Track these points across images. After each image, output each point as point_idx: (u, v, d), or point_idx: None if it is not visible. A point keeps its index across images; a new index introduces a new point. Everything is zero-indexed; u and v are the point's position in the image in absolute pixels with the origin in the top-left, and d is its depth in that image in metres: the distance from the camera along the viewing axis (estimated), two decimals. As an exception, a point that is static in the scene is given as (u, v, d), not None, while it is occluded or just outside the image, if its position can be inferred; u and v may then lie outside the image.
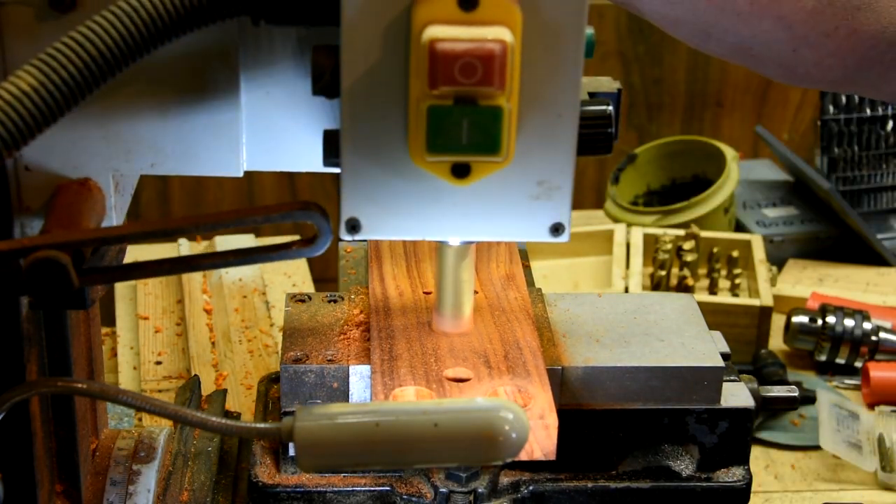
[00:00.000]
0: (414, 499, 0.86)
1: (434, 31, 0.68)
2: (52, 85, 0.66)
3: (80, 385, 0.79)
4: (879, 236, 1.80)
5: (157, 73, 0.78)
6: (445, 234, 0.79)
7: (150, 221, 0.76)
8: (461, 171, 0.72)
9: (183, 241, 1.56)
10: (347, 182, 0.75)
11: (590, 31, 0.74)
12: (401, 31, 0.71)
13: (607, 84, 0.86)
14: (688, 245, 1.63)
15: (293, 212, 0.73)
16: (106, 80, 0.68)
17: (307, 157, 0.83)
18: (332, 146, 0.77)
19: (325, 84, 0.74)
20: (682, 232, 1.67)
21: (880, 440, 1.32)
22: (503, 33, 0.68)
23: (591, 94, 0.84)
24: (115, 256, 0.81)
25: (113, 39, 0.67)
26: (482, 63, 0.67)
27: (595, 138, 0.79)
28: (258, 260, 0.76)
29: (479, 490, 0.86)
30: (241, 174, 0.83)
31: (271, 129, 0.82)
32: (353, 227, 0.77)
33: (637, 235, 1.68)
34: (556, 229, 0.77)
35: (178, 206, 2.41)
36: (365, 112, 0.73)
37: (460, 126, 0.69)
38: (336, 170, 0.76)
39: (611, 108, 0.80)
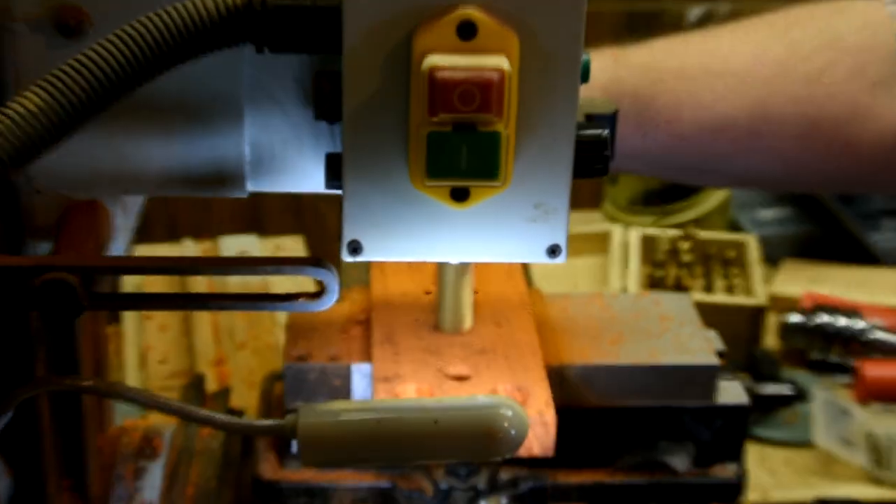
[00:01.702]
0: (415, 494, 0.87)
1: (434, 60, 0.68)
2: (58, 105, 0.67)
3: (87, 383, 0.80)
4: (873, 236, 1.80)
5: (162, 94, 0.78)
6: (445, 256, 0.79)
7: (164, 258, 0.77)
8: (460, 195, 0.72)
9: (187, 242, 1.57)
10: (349, 205, 0.75)
11: (585, 56, 0.74)
12: (401, 59, 0.71)
13: (602, 106, 0.86)
14: (685, 246, 1.64)
15: (304, 267, 0.74)
16: (111, 103, 0.69)
17: (311, 180, 0.83)
18: (334, 169, 0.77)
19: (327, 110, 0.75)
20: (679, 232, 1.68)
21: (872, 436, 1.33)
22: (501, 62, 0.68)
23: (588, 116, 0.83)
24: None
25: (118, 63, 0.68)
26: (480, 91, 0.67)
27: (591, 162, 0.79)
28: (265, 307, 0.77)
29: (479, 486, 0.87)
30: (245, 195, 0.83)
31: (276, 152, 0.82)
32: (355, 249, 0.77)
33: (634, 236, 1.69)
34: (553, 251, 0.77)
35: (181, 206, 2.41)
36: (366, 137, 0.73)
37: (459, 152, 0.69)
38: (338, 192, 0.77)
39: (606, 132, 0.80)
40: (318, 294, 0.75)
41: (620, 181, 1.89)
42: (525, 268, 1.04)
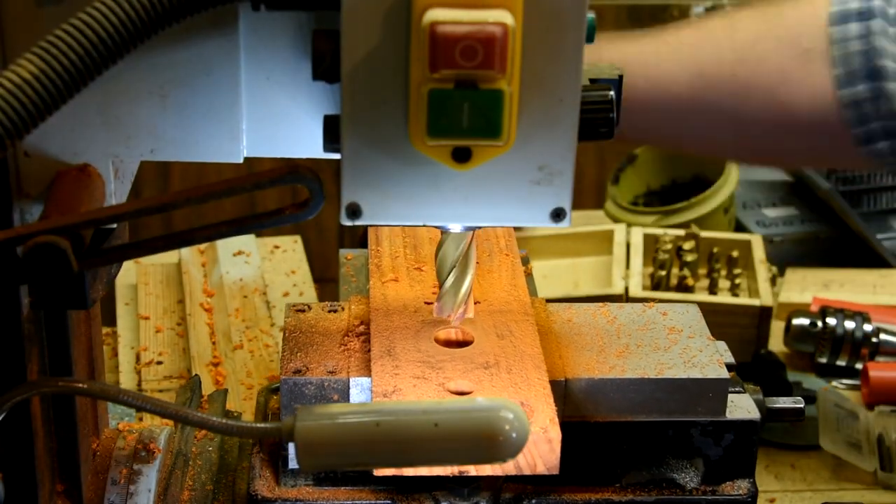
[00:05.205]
0: (415, 512, 0.85)
1: (435, 14, 0.67)
2: (53, 73, 0.66)
3: (80, 385, 0.79)
4: (879, 236, 1.79)
5: (156, 57, 0.78)
6: (446, 220, 0.79)
7: (142, 199, 0.75)
8: (462, 156, 0.72)
9: (184, 250, 1.54)
10: (348, 167, 0.75)
11: (590, 15, 0.74)
12: (401, 15, 0.71)
13: (608, 70, 0.86)
14: (688, 245, 1.63)
15: (283, 176, 0.72)
16: (107, 67, 0.68)
17: (307, 143, 0.82)
18: (332, 131, 0.76)
19: (326, 68, 0.74)
20: (682, 232, 1.67)
21: (880, 440, 1.32)
22: (504, 16, 0.68)
23: (593, 80, 0.83)
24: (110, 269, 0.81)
25: (113, 25, 0.67)
26: (483, 46, 0.67)
27: (596, 123, 0.79)
28: (251, 228, 0.76)
29: None
30: (240, 160, 0.82)
31: (272, 115, 0.81)
32: (354, 212, 0.76)
33: (637, 235, 1.67)
34: (558, 214, 0.77)
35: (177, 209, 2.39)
36: (365, 96, 0.73)
37: (461, 110, 0.69)
38: (336, 156, 0.76)
39: (612, 93, 0.80)
40: (304, 203, 0.73)
41: (623, 181, 1.88)
42: (528, 276, 1.02)
